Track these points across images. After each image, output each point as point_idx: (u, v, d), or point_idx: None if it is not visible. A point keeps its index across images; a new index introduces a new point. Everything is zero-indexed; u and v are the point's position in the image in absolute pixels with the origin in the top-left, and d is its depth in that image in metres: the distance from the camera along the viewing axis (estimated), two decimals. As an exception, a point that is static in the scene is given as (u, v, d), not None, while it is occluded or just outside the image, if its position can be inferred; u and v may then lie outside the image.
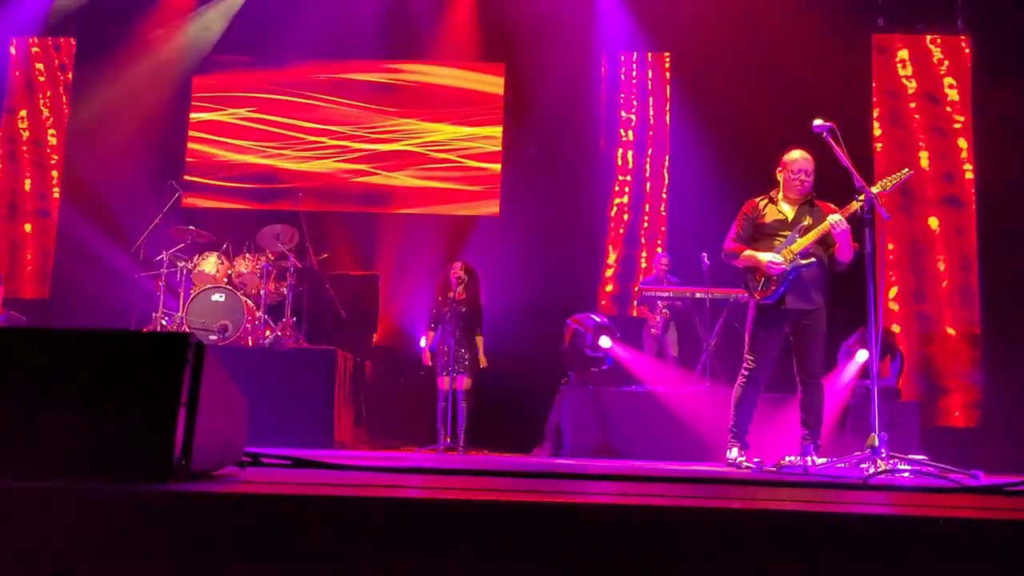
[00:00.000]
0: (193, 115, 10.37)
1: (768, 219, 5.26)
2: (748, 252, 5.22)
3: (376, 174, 10.24)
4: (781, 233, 5.19)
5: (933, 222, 9.18)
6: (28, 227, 10.02)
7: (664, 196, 9.96)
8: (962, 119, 9.31)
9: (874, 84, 9.51)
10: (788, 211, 5.26)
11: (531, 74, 10.02)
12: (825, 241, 5.11)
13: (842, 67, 9.28)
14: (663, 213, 9.93)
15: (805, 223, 5.15)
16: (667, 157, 10.01)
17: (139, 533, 1.69)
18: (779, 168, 5.32)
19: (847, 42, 9.41)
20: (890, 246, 9.12)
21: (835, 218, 4.96)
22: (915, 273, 9.15)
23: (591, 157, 10.07)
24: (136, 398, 1.95)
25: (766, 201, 5.33)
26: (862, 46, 9.57)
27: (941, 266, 9.09)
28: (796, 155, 5.27)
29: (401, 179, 10.24)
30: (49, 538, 1.68)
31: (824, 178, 5.39)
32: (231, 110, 10.33)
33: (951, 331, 8.98)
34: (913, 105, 9.41)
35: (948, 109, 9.37)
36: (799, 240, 5.11)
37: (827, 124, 4.80)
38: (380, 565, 1.69)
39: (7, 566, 1.65)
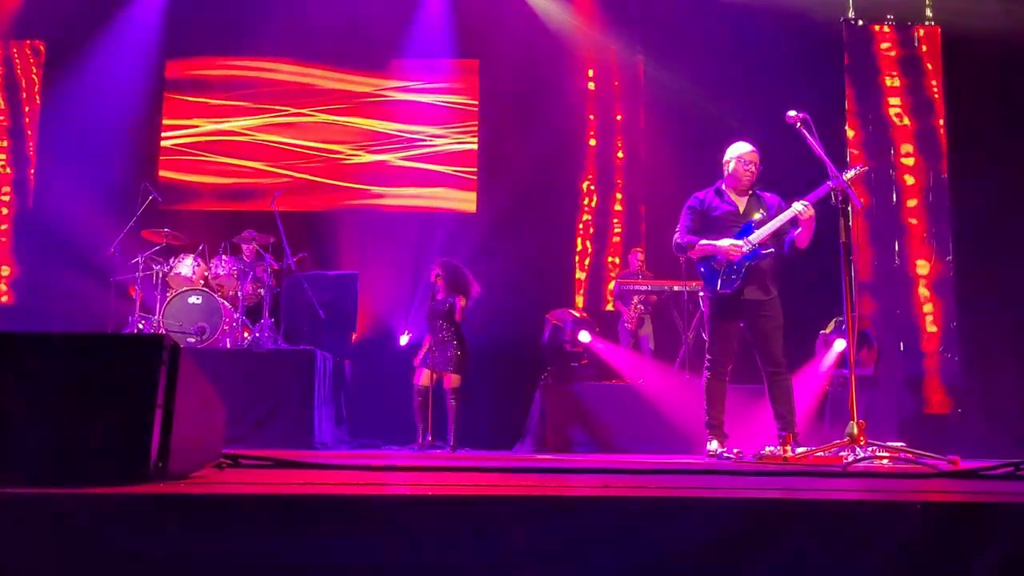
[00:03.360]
0: (166, 110, 10.26)
1: (718, 211, 5.31)
2: (705, 242, 5.25)
3: (352, 173, 10.20)
4: (733, 224, 5.24)
5: (911, 206, 9.24)
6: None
7: (640, 191, 9.98)
8: (938, 110, 9.37)
9: (846, 76, 9.56)
10: (738, 202, 5.32)
11: (506, 70, 10.02)
12: (778, 232, 5.15)
13: (813, 59, 9.34)
14: (639, 208, 9.96)
15: (758, 214, 5.21)
16: (643, 152, 10.03)
17: (117, 537, 1.67)
18: (725, 160, 5.37)
19: (818, 33, 9.46)
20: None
21: (799, 206, 5.01)
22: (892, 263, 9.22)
23: (566, 153, 10.09)
24: (111, 401, 1.93)
25: (712, 193, 5.38)
26: (833, 37, 9.61)
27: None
28: (744, 147, 5.34)
29: (377, 178, 10.21)
30: (27, 546, 1.66)
31: (795, 169, 5.45)
32: (204, 107, 10.25)
33: (928, 316, 9.04)
34: (888, 99, 9.46)
35: (915, 104, 9.43)
36: (757, 231, 5.15)
37: (800, 115, 4.83)
38: (363, 563, 1.68)
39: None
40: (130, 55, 9.94)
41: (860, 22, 9.57)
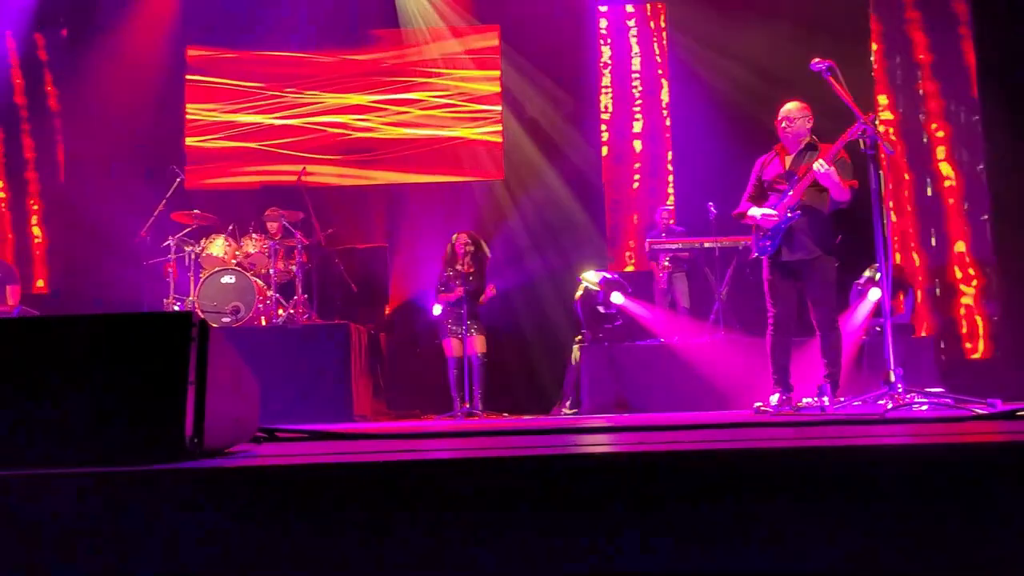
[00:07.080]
0: (189, 92, 10.28)
1: (768, 174, 5.34)
2: (751, 211, 5.33)
3: (378, 147, 10.18)
4: (778, 187, 5.24)
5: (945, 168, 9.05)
6: (35, 220, 10.02)
7: (668, 147, 9.89)
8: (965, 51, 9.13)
9: (872, 22, 9.34)
10: (786, 161, 5.30)
11: (526, 34, 9.93)
12: (819, 185, 5.10)
13: (841, 6, 9.15)
14: (668, 165, 9.86)
15: (798, 174, 5.17)
16: (669, 108, 9.92)
17: (156, 513, 1.69)
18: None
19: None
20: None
21: (816, 165, 4.97)
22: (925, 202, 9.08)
23: (592, 113, 10.00)
24: (144, 379, 1.95)
25: (772, 155, 5.37)
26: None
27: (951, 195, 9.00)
28: (787, 105, 5.31)
29: (403, 150, 10.18)
30: (67, 524, 1.68)
31: (828, 119, 5.38)
32: (228, 89, 10.26)
33: (966, 257, 8.90)
34: (914, 36, 9.25)
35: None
36: (790, 193, 5.13)
37: (826, 62, 4.75)
38: (402, 528, 1.69)
39: (28, 553, 1.66)
40: (152, 39, 9.95)
41: None
